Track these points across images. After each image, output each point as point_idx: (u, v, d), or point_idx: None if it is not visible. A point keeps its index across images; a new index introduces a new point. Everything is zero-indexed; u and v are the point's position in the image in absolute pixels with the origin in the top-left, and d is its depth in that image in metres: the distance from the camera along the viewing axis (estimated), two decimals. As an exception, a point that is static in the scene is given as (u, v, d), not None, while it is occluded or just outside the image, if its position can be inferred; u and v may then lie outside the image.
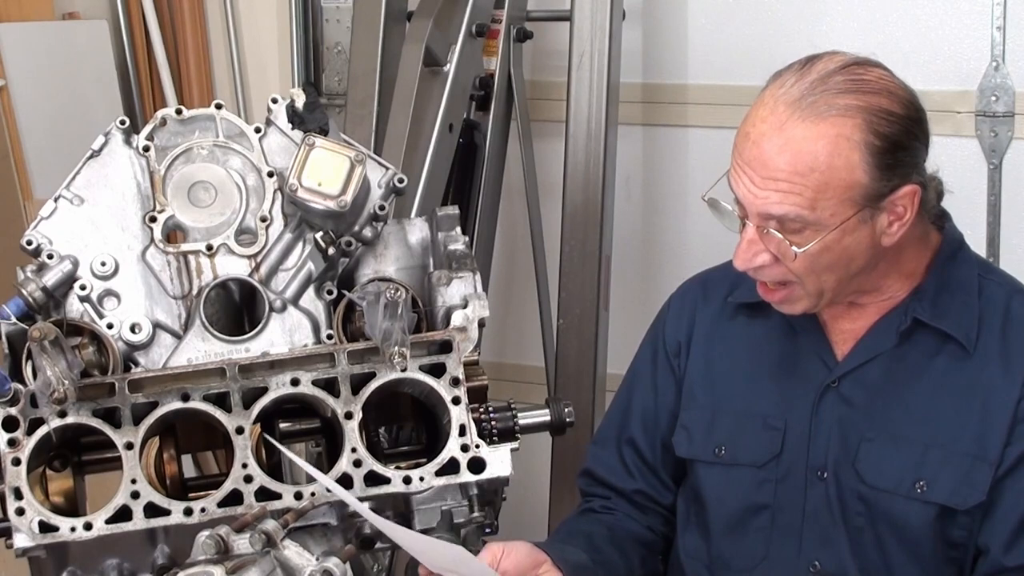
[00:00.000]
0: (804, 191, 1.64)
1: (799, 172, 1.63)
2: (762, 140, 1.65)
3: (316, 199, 1.62)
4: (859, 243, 1.70)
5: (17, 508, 1.53)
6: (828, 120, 1.64)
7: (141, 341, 1.63)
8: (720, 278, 1.98)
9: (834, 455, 1.81)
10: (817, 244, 1.66)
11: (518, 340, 3.34)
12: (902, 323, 1.79)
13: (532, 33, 3.06)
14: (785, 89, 1.67)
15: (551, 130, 3.11)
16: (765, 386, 1.88)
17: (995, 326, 1.79)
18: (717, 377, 1.93)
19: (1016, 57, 2.79)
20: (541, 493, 2.98)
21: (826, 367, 1.83)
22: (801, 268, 1.70)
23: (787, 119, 1.64)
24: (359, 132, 2.90)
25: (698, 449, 1.91)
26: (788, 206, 1.65)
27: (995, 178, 2.83)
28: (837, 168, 1.64)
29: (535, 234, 3.07)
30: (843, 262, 1.71)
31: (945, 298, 1.79)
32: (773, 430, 1.85)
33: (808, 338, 1.85)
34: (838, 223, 1.66)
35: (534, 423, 1.71)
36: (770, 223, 1.68)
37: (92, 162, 1.67)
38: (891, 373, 1.80)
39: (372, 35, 3.00)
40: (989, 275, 1.85)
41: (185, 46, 3.54)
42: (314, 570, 1.44)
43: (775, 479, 1.85)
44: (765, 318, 1.88)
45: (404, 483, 1.58)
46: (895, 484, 1.76)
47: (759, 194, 1.66)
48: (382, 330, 1.56)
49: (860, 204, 1.66)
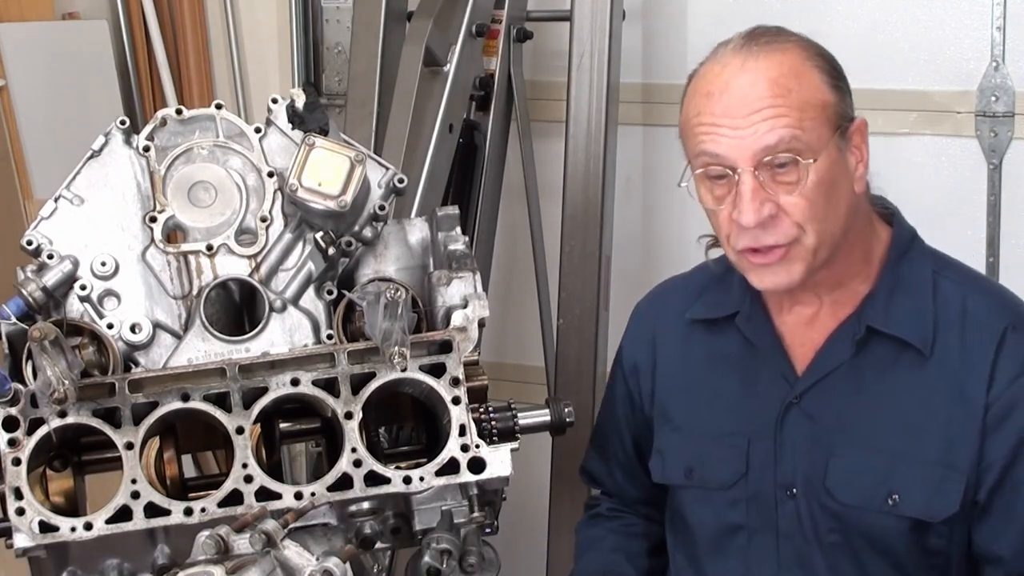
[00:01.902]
0: (790, 112, 1.65)
1: (779, 95, 1.66)
2: (729, 86, 1.68)
3: (316, 199, 1.62)
4: (844, 178, 1.70)
5: (17, 508, 1.53)
6: (779, 51, 1.69)
7: (141, 341, 1.63)
8: (676, 292, 1.97)
9: (802, 472, 1.78)
10: (814, 174, 1.65)
11: (518, 340, 3.34)
12: (856, 332, 1.77)
13: (532, 33, 3.06)
14: (727, 48, 1.72)
15: (551, 130, 3.11)
16: (727, 405, 1.86)
17: (952, 328, 1.75)
18: (684, 399, 1.91)
19: (1016, 57, 2.79)
20: (541, 493, 2.98)
21: (787, 383, 1.80)
22: (805, 212, 1.67)
23: (744, 60, 1.68)
24: (359, 132, 2.90)
25: (671, 473, 1.91)
26: (781, 129, 1.65)
27: (995, 178, 2.83)
28: (807, 87, 1.68)
29: (535, 234, 3.07)
30: (835, 203, 1.69)
31: (898, 301, 1.76)
32: (737, 450, 1.83)
33: (767, 354, 1.83)
34: (824, 145, 1.67)
35: (534, 423, 1.71)
36: (765, 162, 1.65)
37: (92, 162, 1.67)
38: (852, 384, 1.77)
39: (372, 35, 3.00)
40: (944, 271, 1.81)
41: (185, 46, 3.54)
42: (314, 570, 1.44)
43: (745, 499, 1.83)
44: (723, 334, 1.87)
45: (404, 483, 1.58)
46: (867, 499, 1.74)
47: (747, 132, 1.65)
48: (382, 330, 1.56)
49: (835, 124, 1.69)
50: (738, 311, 1.86)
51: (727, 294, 1.88)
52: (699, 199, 1.75)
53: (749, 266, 1.73)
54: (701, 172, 1.72)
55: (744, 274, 1.77)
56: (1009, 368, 1.72)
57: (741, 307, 1.86)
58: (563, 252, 2.91)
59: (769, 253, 1.70)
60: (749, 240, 1.70)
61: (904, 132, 2.90)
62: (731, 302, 1.87)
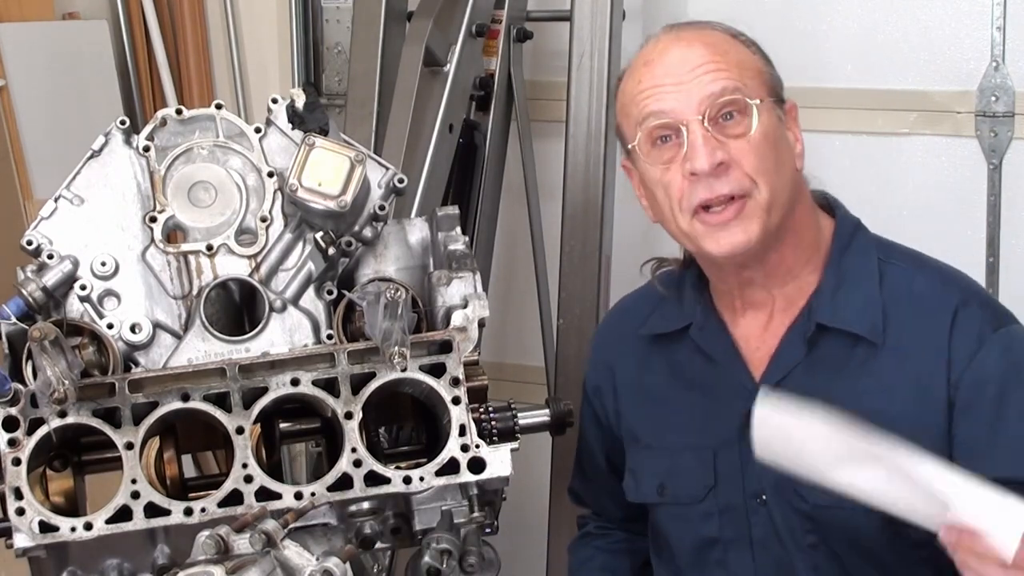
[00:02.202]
0: (729, 67, 1.70)
1: (718, 53, 1.71)
2: (668, 52, 1.73)
3: (316, 199, 1.62)
4: (786, 144, 1.74)
5: (17, 508, 1.53)
6: (708, 29, 1.76)
7: (141, 341, 1.63)
8: (629, 311, 1.96)
9: (770, 478, 1.75)
10: (760, 125, 1.69)
11: (518, 340, 3.34)
12: (807, 330, 1.75)
13: (532, 33, 3.06)
14: (658, 32, 1.78)
15: (551, 130, 3.11)
16: (691, 418, 1.84)
17: (902, 314, 1.74)
18: (650, 417, 1.90)
19: (1016, 57, 2.79)
20: (541, 493, 2.98)
21: (746, 390, 1.77)
22: (754, 161, 1.68)
23: (678, 34, 1.76)
24: (359, 132, 2.90)
25: (644, 492, 1.90)
26: (723, 80, 1.69)
27: (995, 178, 2.83)
28: (741, 53, 1.74)
29: (535, 234, 3.07)
30: (782, 163, 1.71)
31: (845, 294, 1.75)
32: (704, 462, 1.82)
33: (724, 364, 1.81)
34: (763, 99, 1.70)
35: (534, 423, 1.71)
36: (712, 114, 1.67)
37: (92, 162, 1.67)
38: (810, 382, 1.74)
39: (372, 35, 3.00)
40: (890, 258, 1.79)
41: (185, 46, 3.54)
42: (314, 570, 1.44)
43: (717, 511, 1.82)
44: (679, 347, 1.85)
45: (404, 483, 1.58)
46: (837, 498, 1.66)
47: (691, 85, 1.69)
48: (382, 330, 1.56)
49: (770, 89, 1.74)
50: (691, 323, 1.84)
51: (679, 307, 1.86)
52: (645, 173, 1.74)
53: (704, 230, 1.70)
54: (647, 136, 1.72)
55: (699, 243, 1.72)
56: (965, 347, 1.70)
57: (694, 318, 1.84)
58: (563, 252, 2.91)
59: (724, 211, 1.68)
60: (704, 190, 1.68)
61: (904, 132, 2.90)
62: (683, 314, 1.86)
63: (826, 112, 2.90)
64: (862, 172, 2.92)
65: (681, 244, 1.80)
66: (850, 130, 2.92)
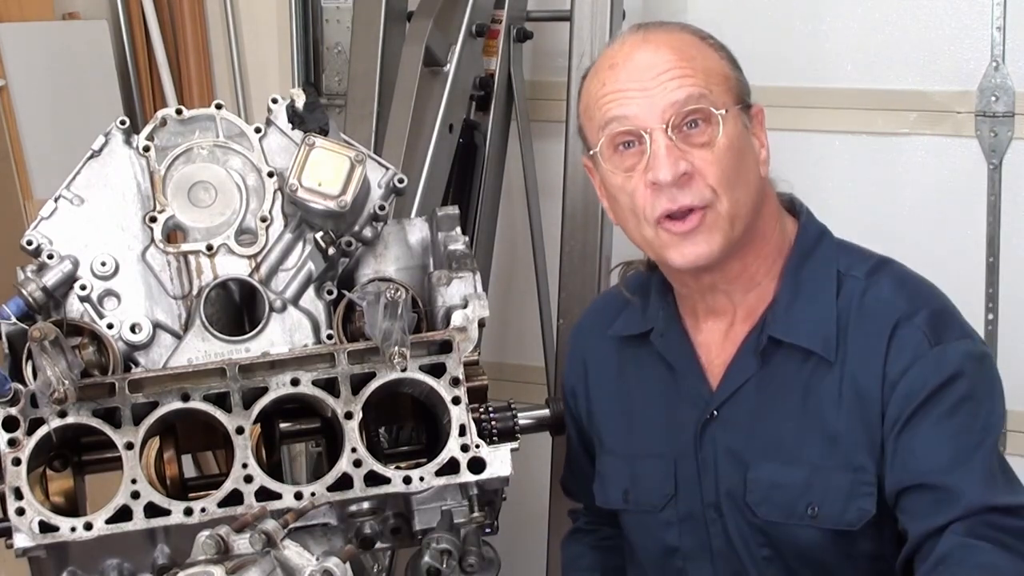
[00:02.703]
0: (696, 73, 1.68)
1: (684, 59, 1.68)
2: (634, 55, 1.70)
3: (316, 199, 1.62)
4: (750, 153, 1.71)
5: (17, 508, 1.53)
6: (676, 30, 1.74)
7: (141, 341, 1.63)
8: (602, 310, 1.95)
9: (724, 489, 1.76)
10: (724, 137, 1.66)
11: (518, 340, 3.34)
12: (760, 344, 1.73)
13: (532, 33, 3.06)
14: (625, 32, 1.76)
15: (551, 130, 3.11)
16: (653, 425, 1.83)
17: (854, 326, 1.70)
18: (616, 421, 1.89)
19: (1016, 57, 2.79)
20: (541, 493, 2.98)
21: (702, 400, 1.77)
22: (717, 172, 1.65)
23: (645, 35, 1.72)
24: (359, 132, 2.90)
25: (610, 497, 1.89)
26: (688, 87, 1.66)
27: (995, 178, 2.83)
28: (709, 59, 1.71)
29: (535, 234, 3.07)
30: (745, 174, 1.68)
31: (800, 307, 1.72)
32: (664, 471, 1.81)
33: (683, 372, 1.80)
34: (728, 109, 1.68)
35: (534, 423, 1.71)
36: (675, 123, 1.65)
37: (92, 162, 1.67)
38: (764, 397, 1.73)
39: (372, 35, 3.00)
40: (850, 270, 1.75)
41: (185, 46, 3.54)
42: (314, 570, 1.44)
43: (677, 520, 1.81)
44: (647, 354, 1.84)
45: (404, 483, 1.58)
46: (787, 514, 1.71)
47: (655, 92, 1.66)
48: (382, 330, 1.56)
49: (736, 96, 1.71)
50: (652, 328, 1.83)
51: (643, 311, 1.85)
52: (606, 177, 1.72)
53: (668, 239, 1.68)
54: (608, 142, 1.69)
55: (662, 253, 1.71)
56: (899, 361, 1.66)
57: (656, 324, 1.83)
58: (563, 252, 2.91)
59: (687, 219, 1.66)
60: (666, 200, 1.65)
61: (904, 132, 2.90)
62: (648, 318, 1.84)
63: (826, 112, 2.90)
64: (862, 172, 2.92)
65: (643, 251, 1.78)
66: (850, 130, 2.92)
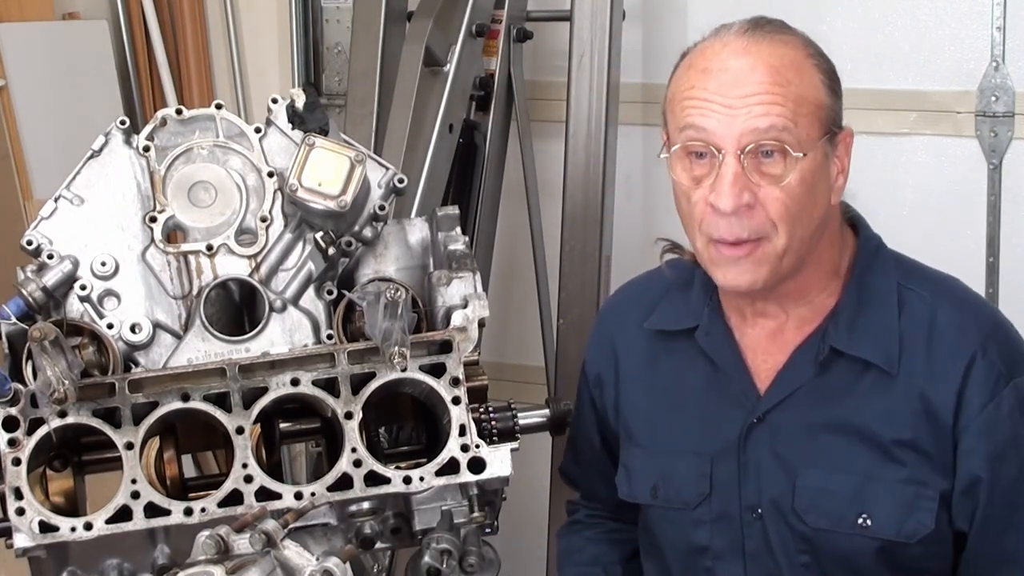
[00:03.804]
0: (785, 102, 1.61)
1: (778, 83, 1.61)
2: (728, 65, 1.63)
3: (316, 199, 1.62)
4: (823, 184, 1.66)
5: (17, 508, 1.53)
6: (782, 42, 1.65)
7: (141, 341, 1.63)
8: (635, 299, 1.91)
9: (768, 494, 1.74)
10: (798, 172, 1.61)
11: (518, 340, 3.34)
12: (820, 353, 1.71)
13: (532, 33, 3.06)
14: (730, 30, 1.67)
15: (551, 130, 3.11)
16: (691, 423, 1.80)
17: (919, 344, 1.69)
18: (648, 415, 1.86)
19: (1016, 57, 2.79)
20: (541, 493, 2.98)
21: (749, 402, 1.75)
22: (780, 209, 1.61)
23: (747, 44, 1.64)
24: (359, 132, 2.90)
25: (636, 491, 1.86)
26: (774, 116, 1.60)
27: (995, 178, 2.83)
28: (805, 84, 1.64)
29: (535, 234, 3.07)
30: (811, 209, 1.64)
31: (863, 319, 1.71)
32: (701, 470, 1.78)
33: (730, 373, 1.77)
34: (812, 145, 1.63)
35: (534, 423, 1.71)
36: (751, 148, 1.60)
37: (92, 162, 1.67)
38: (816, 404, 1.72)
39: (372, 35, 3.00)
40: (910, 284, 1.74)
41: (185, 46, 3.54)
42: (314, 570, 1.44)
43: (710, 520, 1.79)
44: (686, 349, 1.81)
45: (404, 483, 1.58)
46: (836, 521, 1.70)
47: (740, 112, 1.60)
48: (382, 330, 1.56)
49: (825, 127, 1.65)
50: (698, 324, 1.81)
51: (686, 305, 1.82)
52: (674, 177, 1.69)
53: (717, 257, 1.66)
54: (682, 147, 1.66)
55: (708, 267, 1.70)
56: (976, 396, 1.67)
57: (700, 320, 1.80)
58: (563, 252, 2.91)
59: (738, 247, 1.64)
60: (723, 229, 1.63)
61: (904, 132, 2.90)
62: (690, 314, 1.81)
63: (826, 112, 2.90)
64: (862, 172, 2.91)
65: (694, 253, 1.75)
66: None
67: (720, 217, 1.62)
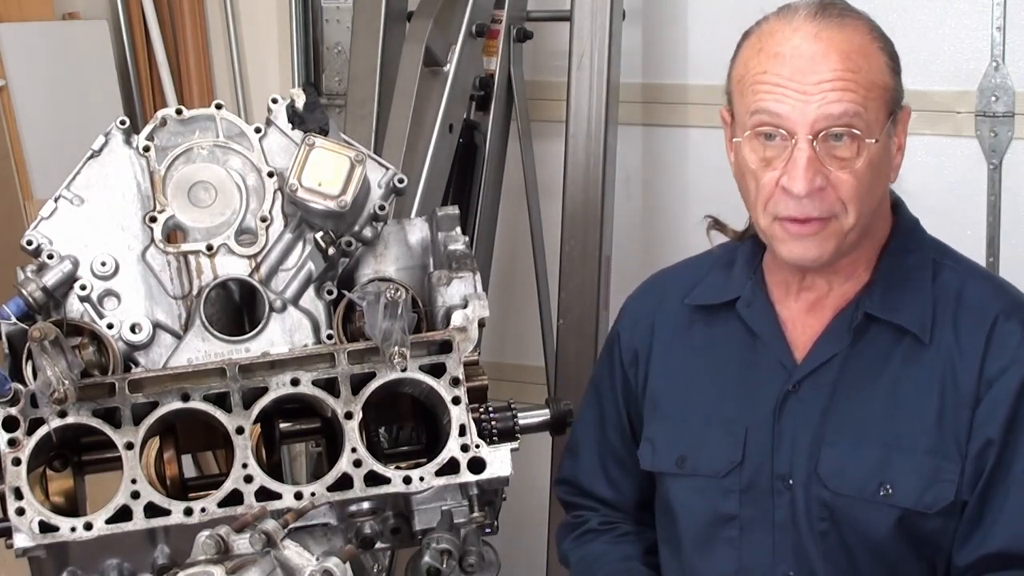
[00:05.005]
0: (858, 88, 1.66)
1: (850, 70, 1.66)
2: (801, 51, 1.67)
3: (316, 199, 1.62)
4: (886, 164, 1.73)
5: (17, 508, 1.53)
6: (850, 26, 1.70)
7: (141, 341, 1.63)
8: (678, 279, 1.95)
9: (799, 462, 1.77)
10: (868, 155, 1.66)
11: (518, 340, 3.34)
12: (854, 319, 1.76)
13: (532, 33, 3.06)
14: (799, 13, 1.70)
15: (551, 130, 3.11)
16: (725, 394, 1.84)
17: (947, 314, 1.75)
18: (679, 386, 1.89)
19: (1016, 57, 2.79)
20: (541, 493, 2.98)
21: (785, 371, 1.79)
22: (850, 190, 1.67)
23: (818, 29, 1.68)
24: (359, 132, 2.91)
25: (661, 461, 1.88)
26: (847, 103, 1.65)
27: (995, 178, 2.84)
28: (874, 68, 1.69)
29: (535, 234, 3.08)
30: (876, 189, 1.71)
31: (897, 289, 1.76)
32: (733, 439, 1.81)
33: (767, 342, 1.81)
34: (881, 128, 1.68)
35: (534, 423, 1.71)
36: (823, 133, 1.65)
37: (92, 162, 1.67)
38: (850, 373, 1.76)
39: (372, 35, 3.01)
40: (944, 259, 1.81)
41: (185, 46, 3.54)
42: (314, 570, 1.44)
43: (739, 489, 1.81)
44: (724, 322, 1.85)
45: (404, 483, 1.58)
46: (858, 489, 1.73)
47: (814, 98, 1.65)
48: (382, 330, 1.56)
49: (890, 108, 1.71)
50: (739, 297, 1.85)
51: (728, 280, 1.86)
52: (743, 158, 1.72)
53: (784, 235, 1.71)
54: (753, 131, 1.70)
55: (772, 243, 1.74)
56: (998, 358, 1.72)
57: (742, 292, 1.84)
58: (563, 252, 2.92)
59: (805, 226, 1.69)
60: (794, 209, 1.68)
61: (904, 132, 2.90)
62: (732, 287, 1.86)
63: (826, 112, 2.90)
64: (862, 172, 2.92)
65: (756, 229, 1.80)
66: (850, 130, 2.92)
67: (791, 198, 1.67)
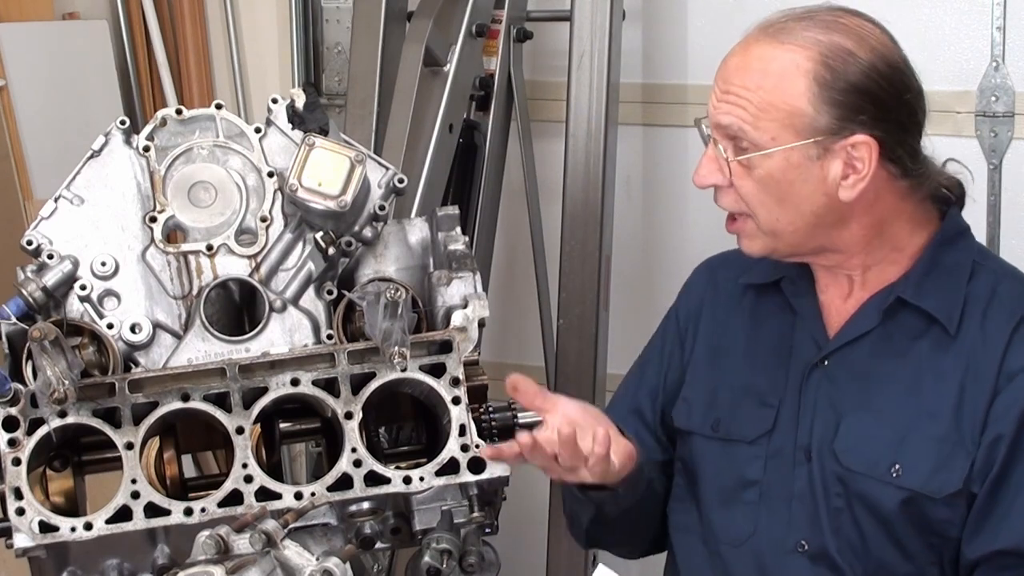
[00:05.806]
0: (748, 106, 1.71)
1: (747, 87, 1.71)
2: (730, 58, 1.75)
3: (316, 199, 1.62)
4: (807, 183, 1.72)
5: (17, 508, 1.53)
6: (786, 46, 1.72)
7: (141, 341, 1.63)
8: (735, 259, 1.98)
9: (818, 435, 1.81)
10: (760, 168, 1.71)
11: (518, 340, 3.34)
12: (885, 301, 1.79)
13: (532, 33, 3.06)
14: (773, 17, 1.76)
15: (551, 130, 3.11)
16: (763, 364, 1.89)
17: (978, 310, 1.77)
18: (720, 353, 1.94)
19: (1016, 57, 2.79)
20: (541, 493, 2.98)
21: (817, 346, 1.84)
22: (749, 194, 1.73)
23: (755, 41, 1.74)
24: (359, 132, 2.90)
25: (696, 422, 1.93)
26: (732, 117, 1.71)
27: (995, 178, 2.83)
28: (782, 91, 1.71)
29: (535, 234, 3.07)
30: (792, 201, 1.73)
31: (933, 280, 1.79)
32: (767, 407, 1.86)
33: (804, 318, 1.87)
34: (778, 148, 1.70)
35: (534, 423, 1.71)
36: (720, 136, 1.73)
37: (92, 162, 1.67)
38: (876, 354, 1.80)
39: (372, 35, 3.00)
40: (985, 261, 1.84)
41: (185, 46, 3.54)
42: (314, 570, 1.44)
43: (765, 456, 1.85)
44: (771, 297, 1.91)
45: (404, 483, 1.59)
46: (870, 466, 1.76)
47: (716, 106, 1.74)
48: (382, 330, 1.56)
49: (804, 135, 1.71)
50: (784, 276, 1.91)
51: (779, 262, 1.91)
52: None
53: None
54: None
55: None
56: (1021, 354, 1.74)
57: (789, 273, 1.90)
58: (563, 252, 2.91)
59: (731, 220, 1.79)
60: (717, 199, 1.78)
61: (904, 132, 2.90)
62: (781, 268, 1.91)
63: (826, 112, 2.90)
64: (862, 172, 2.92)
65: None
66: (851, 130, 2.92)
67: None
